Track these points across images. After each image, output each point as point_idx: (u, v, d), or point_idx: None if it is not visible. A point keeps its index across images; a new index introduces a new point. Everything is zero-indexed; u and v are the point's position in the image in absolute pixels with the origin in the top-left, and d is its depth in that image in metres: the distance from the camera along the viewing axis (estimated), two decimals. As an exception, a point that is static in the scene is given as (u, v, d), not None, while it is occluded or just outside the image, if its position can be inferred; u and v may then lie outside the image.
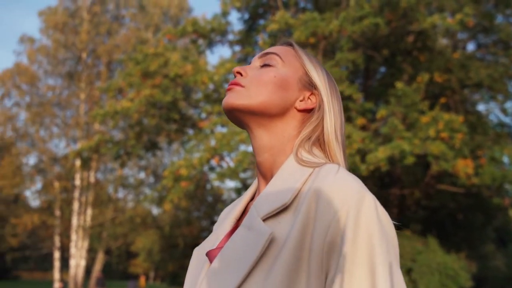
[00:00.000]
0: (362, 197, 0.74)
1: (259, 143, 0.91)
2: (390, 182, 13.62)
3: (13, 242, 20.76)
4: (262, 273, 0.74)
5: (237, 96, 0.90)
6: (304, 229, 0.74)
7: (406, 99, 9.80)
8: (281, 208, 0.78)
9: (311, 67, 0.94)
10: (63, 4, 19.22)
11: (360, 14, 10.01)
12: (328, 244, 0.72)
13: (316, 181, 0.78)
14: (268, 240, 0.75)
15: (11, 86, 18.95)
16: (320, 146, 0.90)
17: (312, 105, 0.92)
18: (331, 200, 0.74)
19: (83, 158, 13.23)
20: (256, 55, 0.98)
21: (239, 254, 0.78)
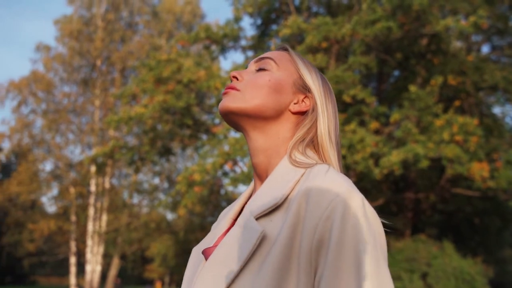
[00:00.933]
0: (350, 196, 0.77)
1: (254, 145, 0.94)
2: (405, 186, 13.52)
3: (30, 248, 20.97)
4: (253, 269, 0.76)
5: (233, 99, 0.93)
6: (294, 228, 0.77)
7: (420, 103, 9.74)
8: (272, 207, 0.81)
9: (305, 71, 0.97)
10: (78, 12, 19.49)
11: (373, 17, 9.99)
12: (317, 242, 0.74)
13: (306, 181, 0.81)
14: (260, 238, 0.78)
15: (27, 94, 19.20)
16: (314, 148, 0.93)
17: (306, 108, 0.95)
18: (320, 199, 0.77)
19: (97, 164, 13.36)
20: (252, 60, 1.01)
21: (232, 252, 0.80)
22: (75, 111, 19.71)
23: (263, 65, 0.97)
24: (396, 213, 14.25)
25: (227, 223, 0.95)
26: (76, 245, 20.20)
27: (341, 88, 9.97)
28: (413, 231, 13.13)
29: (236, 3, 12.30)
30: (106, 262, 21.76)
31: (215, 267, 0.81)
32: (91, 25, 19.54)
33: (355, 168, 9.47)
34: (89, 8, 19.63)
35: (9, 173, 24.13)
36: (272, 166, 0.92)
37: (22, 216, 22.30)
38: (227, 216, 0.97)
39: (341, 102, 11.07)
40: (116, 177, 21.09)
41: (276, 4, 12.87)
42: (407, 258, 9.99)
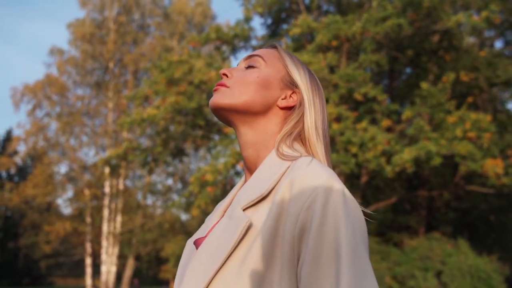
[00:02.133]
0: (331, 186, 0.80)
1: (244, 139, 0.98)
2: (418, 184, 13.43)
3: (47, 249, 21.20)
4: (240, 257, 0.80)
5: (222, 96, 0.97)
6: (278, 217, 0.80)
7: (432, 100, 9.67)
8: (259, 198, 0.85)
9: (292, 68, 1.00)
10: (90, 16, 19.66)
11: (383, 15, 9.95)
12: (299, 230, 0.78)
13: (290, 173, 0.84)
14: (245, 227, 0.81)
15: (42, 97, 19.41)
16: (302, 141, 0.96)
17: (293, 103, 0.98)
18: (302, 189, 0.80)
19: (111, 165, 13.47)
20: (242, 58, 1.05)
21: (220, 241, 0.84)
22: (88, 114, 19.90)
23: (252, 63, 1.00)
24: (410, 211, 14.16)
25: (218, 215, 0.99)
26: (91, 246, 20.39)
27: (352, 86, 9.95)
28: (427, 229, 13.03)
29: (246, 3, 12.32)
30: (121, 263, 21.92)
31: (204, 255, 0.84)
32: (103, 28, 19.70)
33: (367, 166, 9.44)
34: (101, 11, 19.80)
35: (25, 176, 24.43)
36: (261, 159, 0.96)
37: (38, 218, 22.56)
38: (219, 208, 1.01)
39: (352, 100, 11.04)
40: (130, 178, 21.25)
41: (286, 4, 12.87)
42: (421, 256, 9.93)
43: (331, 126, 9.48)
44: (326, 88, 10.75)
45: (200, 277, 0.82)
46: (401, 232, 12.75)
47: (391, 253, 10.33)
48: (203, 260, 0.84)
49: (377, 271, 9.84)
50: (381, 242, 11.46)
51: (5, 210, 23.70)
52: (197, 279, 0.82)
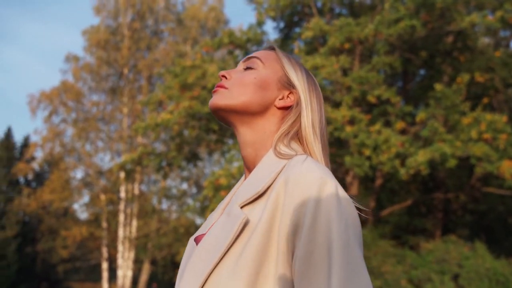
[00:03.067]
0: (324, 183, 0.83)
1: (243, 139, 1.01)
2: (434, 186, 13.31)
3: (64, 254, 21.40)
4: (237, 252, 0.83)
5: (221, 97, 1.00)
6: (273, 214, 0.83)
7: (446, 101, 9.59)
8: (255, 196, 0.88)
9: (290, 68, 1.03)
10: (104, 22, 19.89)
11: (396, 16, 9.90)
12: (293, 226, 0.81)
13: (286, 171, 0.87)
14: (242, 224, 0.84)
15: (58, 104, 19.64)
16: (299, 140, 0.99)
17: (291, 103, 1.00)
18: (296, 187, 0.83)
19: (126, 170, 13.58)
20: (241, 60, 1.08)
21: (218, 238, 0.87)
22: (104, 119, 20.09)
23: (250, 64, 1.03)
24: (426, 214, 14.03)
25: (219, 212, 1.02)
26: (107, 251, 20.54)
27: (366, 89, 9.91)
28: (444, 232, 12.90)
29: (258, 8, 12.35)
30: (137, 267, 22.05)
31: (203, 252, 0.87)
32: (117, 34, 19.90)
33: (381, 168, 9.39)
34: (115, 17, 20.01)
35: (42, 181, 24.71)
36: (259, 158, 0.98)
37: (55, 223, 22.79)
38: (221, 206, 1.04)
39: (365, 103, 10.99)
40: (145, 183, 21.38)
41: (299, 7, 12.88)
42: (438, 260, 9.82)
43: (345, 129, 9.45)
44: (339, 91, 10.73)
45: (199, 273, 0.85)
46: (417, 235, 12.64)
47: (407, 256, 10.24)
48: (202, 257, 0.87)
49: (392, 274, 9.76)
50: (397, 245, 11.37)
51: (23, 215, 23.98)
52: (195, 275, 0.85)
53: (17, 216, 23.33)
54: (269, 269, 0.81)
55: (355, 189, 12.01)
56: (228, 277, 0.81)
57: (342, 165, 11.04)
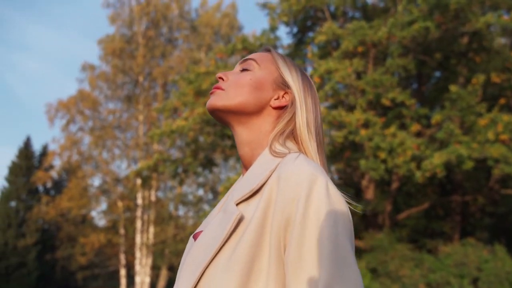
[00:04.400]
0: (315, 179, 0.85)
1: (239, 138, 1.04)
2: (451, 189, 13.16)
3: (82, 261, 21.59)
4: (232, 247, 0.86)
5: (218, 98, 1.03)
6: (266, 210, 0.86)
7: (462, 102, 9.50)
8: (250, 193, 0.90)
9: (285, 69, 1.06)
10: (119, 31, 20.11)
11: (409, 19, 9.86)
12: (285, 221, 0.83)
13: (279, 168, 0.90)
14: (236, 220, 0.87)
15: (75, 112, 19.87)
16: (295, 139, 1.01)
17: (286, 103, 1.03)
18: (287, 184, 0.85)
19: (143, 177, 13.68)
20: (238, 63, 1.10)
21: (214, 234, 0.90)
22: (120, 127, 20.27)
23: (246, 66, 1.06)
24: (443, 217, 13.87)
25: (217, 210, 1.05)
26: (125, 257, 20.67)
27: (380, 92, 9.87)
28: (462, 235, 12.73)
29: (271, 13, 12.39)
30: (155, 273, 22.15)
31: (201, 247, 0.90)
32: (132, 42, 20.11)
33: (397, 171, 9.32)
34: (130, 26, 20.23)
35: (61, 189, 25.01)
36: (256, 157, 1.01)
37: (74, 230, 23.02)
38: (219, 204, 1.07)
39: (380, 106, 10.94)
40: (161, 189, 21.50)
41: (312, 12, 12.89)
42: (456, 263, 9.70)
43: (359, 132, 9.41)
44: (353, 94, 10.69)
45: (195, 267, 0.88)
46: (434, 239, 12.49)
47: (425, 260, 10.13)
48: (199, 252, 0.90)
49: (410, 278, 9.66)
50: (414, 248, 11.26)
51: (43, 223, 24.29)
52: (192, 269, 0.88)
53: (36, 224, 23.65)
54: (262, 264, 0.84)
55: (371, 193, 11.94)
56: (222, 270, 0.84)
57: (358, 169, 10.99)
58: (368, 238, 11.37)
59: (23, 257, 22.61)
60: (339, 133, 9.58)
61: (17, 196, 23.85)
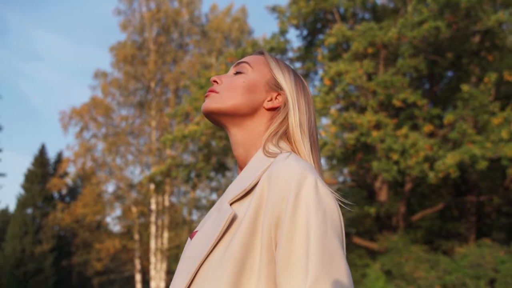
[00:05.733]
0: (304, 177, 0.87)
1: (234, 139, 1.06)
2: (466, 189, 13.02)
3: (98, 267, 21.73)
4: (224, 246, 0.88)
5: (212, 101, 1.05)
6: (257, 208, 0.88)
7: (474, 102, 9.40)
8: (242, 193, 0.93)
9: (277, 71, 1.08)
10: (131, 38, 20.27)
11: (419, 19, 9.79)
12: (275, 219, 0.85)
13: (270, 167, 0.92)
14: (229, 219, 0.89)
15: (88, 119, 20.06)
16: (288, 140, 1.03)
17: (278, 104, 1.05)
18: (277, 182, 0.87)
19: (156, 182, 13.74)
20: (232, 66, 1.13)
21: (208, 232, 0.93)
22: (133, 133, 20.40)
23: (239, 69, 1.09)
24: (458, 218, 13.72)
25: (213, 210, 1.05)
26: (140, 263, 20.77)
27: (391, 93, 9.81)
28: (478, 236, 12.58)
29: (281, 16, 12.39)
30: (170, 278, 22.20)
31: (195, 245, 0.93)
32: (143, 49, 20.26)
33: (410, 173, 9.25)
34: (141, 32, 20.38)
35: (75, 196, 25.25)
36: (250, 157, 1.03)
37: (89, 236, 23.21)
38: (215, 205, 1.08)
39: (392, 107, 10.87)
40: (175, 195, 21.59)
41: (321, 14, 12.87)
42: (472, 264, 9.58)
43: (371, 134, 9.36)
44: (364, 96, 10.65)
45: (190, 265, 0.90)
46: (450, 240, 12.36)
47: (440, 261, 10.03)
48: (194, 251, 0.92)
49: (426, 280, 9.57)
50: (429, 250, 11.15)
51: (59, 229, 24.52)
52: (187, 268, 0.91)
53: (52, 230, 23.89)
54: (254, 261, 0.86)
55: (385, 195, 11.86)
56: (215, 268, 0.86)
57: (370, 171, 10.93)
58: (382, 240, 11.29)
59: (40, 263, 22.83)
60: (351, 135, 9.54)
61: (33, 203, 24.12)
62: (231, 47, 20.92)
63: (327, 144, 9.62)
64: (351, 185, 13.89)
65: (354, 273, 11.80)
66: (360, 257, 12.19)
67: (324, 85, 10.63)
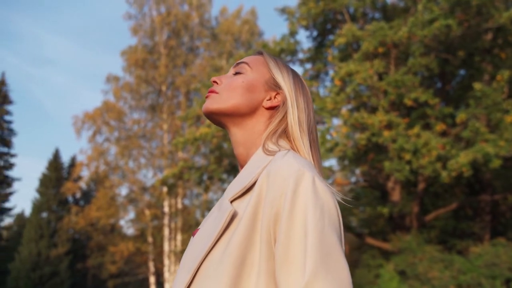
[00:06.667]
0: (301, 174, 0.88)
1: (235, 138, 1.08)
2: (480, 188, 12.89)
3: (113, 269, 21.86)
4: (224, 243, 0.89)
5: (212, 101, 1.07)
6: (256, 205, 0.89)
7: (487, 100, 9.32)
8: (243, 190, 0.94)
9: (276, 71, 1.10)
10: (141, 42, 20.40)
11: (430, 17, 9.73)
12: (274, 215, 0.86)
13: (269, 165, 0.94)
14: (229, 216, 0.91)
15: (101, 123, 20.20)
16: (288, 138, 1.04)
17: (277, 103, 1.07)
18: (275, 179, 0.89)
19: (168, 185, 13.80)
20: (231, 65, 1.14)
21: (209, 230, 0.94)
22: (145, 137, 20.52)
23: (238, 69, 1.10)
24: (473, 217, 13.59)
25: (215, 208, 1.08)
26: (154, 265, 20.87)
27: (402, 92, 9.76)
28: (493, 235, 12.45)
29: (290, 18, 12.39)
30: (184, 280, 22.24)
31: (197, 243, 0.95)
32: (154, 53, 20.37)
33: (423, 172, 9.19)
34: (152, 36, 20.50)
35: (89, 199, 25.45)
36: (250, 156, 1.05)
37: (103, 239, 23.37)
38: (217, 203, 1.09)
39: (403, 106, 10.81)
40: (187, 197, 21.65)
41: (331, 15, 12.84)
42: (487, 264, 9.49)
43: (382, 134, 9.32)
44: (375, 96, 10.61)
45: (192, 262, 0.92)
46: (464, 239, 12.25)
47: (455, 261, 9.95)
48: (195, 248, 0.94)
49: (440, 280, 9.50)
50: (444, 250, 11.06)
51: (73, 233, 24.74)
52: (189, 265, 0.92)
53: (67, 233, 24.10)
54: (254, 258, 0.87)
55: (397, 195, 11.80)
56: (216, 264, 0.87)
57: (382, 171, 10.88)
58: (396, 240, 11.23)
59: (55, 266, 23.04)
60: (362, 135, 9.51)
61: (48, 207, 24.35)
62: (241, 49, 20.96)
63: (338, 144, 9.60)
64: (363, 186, 13.83)
65: (368, 273, 11.75)
66: (374, 258, 12.14)
67: (335, 86, 10.61)
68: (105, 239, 23.29)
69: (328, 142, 9.86)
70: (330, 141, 9.89)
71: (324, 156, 9.58)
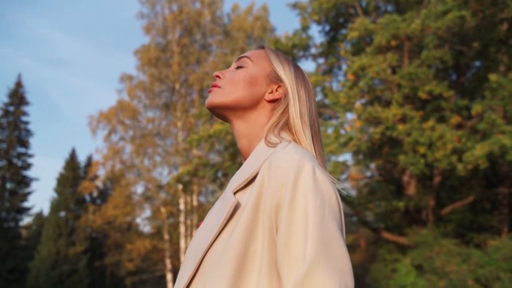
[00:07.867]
0: (302, 164, 0.90)
1: (238, 131, 1.10)
2: (498, 181, 12.74)
3: (130, 267, 22.05)
4: (227, 234, 0.92)
5: (215, 96, 1.09)
6: (258, 196, 0.91)
7: (503, 91, 9.19)
8: (245, 182, 0.96)
9: (277, 64, 1.11)
10: (154, 41, 20.48)
11: (443, 9, 9.62)
12: (276, 205, 0.88)
13: (270, 157, 0.95)
14: (232, 207, 0.93)
15: (116, 123, 20.34)
16: (289, 130, 1.06)
17: (279, 96, 1.09)
18: (277, 170, 0.91)
19: (183, 182, 13.87)
20: None
21: (213, 221, 0.96)
22: (159, 135, 20.63)
23: (240, 64, 1.12)
24: (490, 210, 13.44)
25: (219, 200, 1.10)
26: (171, 262, 21.00)
27: (416, 85, 9.68)
28: (511, 228, 12.29)
29: (302, 13, 12.34)
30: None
31: (201, 234, 0.97)
32: (167, 51, 20.44)
33: (438, 165, 9.11)
34: (164, 35, 20.57)
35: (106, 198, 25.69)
36: (253, 148, 1.07)
37: (120, 237, 23.58)
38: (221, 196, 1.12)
39: (418, 100, 10.71)
40: (203, 194, 21.74)
41: (343, 9, 12.76)
42: (505, 257, 9.38)
43: (396, 127, 9.25)
44: (388, 89, 10.53)
45: (196, 253, 0.94)
46: (482, 233, 12.11)
47: (472, 254, 9.85)
48: (200, 239, 0.96)
49: (458, 274, 9.42)
50: (461, 243, 10.96)
51: (91, 231, 25.00)
52: (194, 255, 0.95)
53: (85, 232, 24.38)
54: (256, 247, 0.89)
55: (413, 188, 11.71)
56: (220, 253, 0.90)
57: (397, 165, 10.81)
58: (412, 234, 11.16)
59: (74, 264, 23.33)
60: (376, 129, 9.45)
61: (66, 206, 24.64)
62: (254, 46, 20.93)
63: (352, 139, 9.56)
64: (378, 180, 13.75)
65: (384, 268, 11.69)
66: (390, 252, 12.08)
67: (348, 80, 10.55)
68: (122, 237, 23.50)
69: (342, 137, 9.82)
70: (344, 136, 9.85)
71: (338, 151, 9.54)
